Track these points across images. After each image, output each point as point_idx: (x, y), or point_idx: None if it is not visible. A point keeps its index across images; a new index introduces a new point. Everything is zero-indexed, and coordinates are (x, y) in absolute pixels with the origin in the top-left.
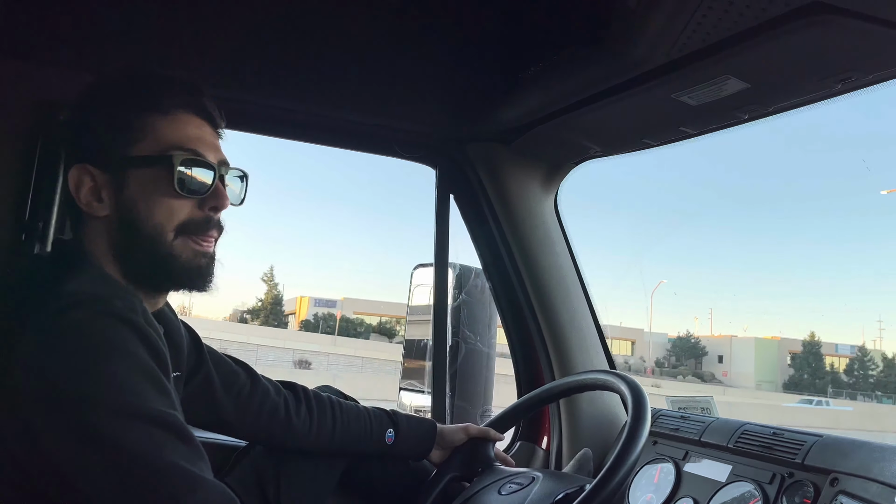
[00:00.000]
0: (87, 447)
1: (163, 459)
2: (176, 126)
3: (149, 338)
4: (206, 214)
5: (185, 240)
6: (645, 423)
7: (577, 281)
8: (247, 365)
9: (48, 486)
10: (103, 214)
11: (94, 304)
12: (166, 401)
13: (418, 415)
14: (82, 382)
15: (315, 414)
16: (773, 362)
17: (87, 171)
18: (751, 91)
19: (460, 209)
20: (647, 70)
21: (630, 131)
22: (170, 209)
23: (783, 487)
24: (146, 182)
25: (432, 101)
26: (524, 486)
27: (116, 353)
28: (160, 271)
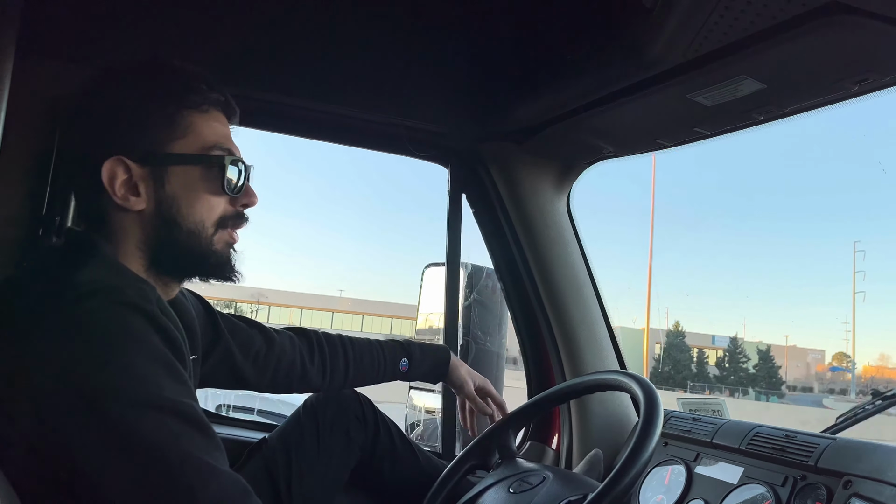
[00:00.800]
0: (103, 437)
1: (179, 450)
2: (212, 124)
3: (163, 327)
4: (237, 210)
5: (223, 233)
6: (657, 425)
7: (589, 281)
8: (260, 325)
9: (64, 476)
10: (139, 208)
11: (108, 294)
12: (183, 390)
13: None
14: (98, 373)
15: (328, 358)
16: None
17: (123, 163)
18: (767, 92)
19: (472, 208)
20: (663, 70)
21: (644, 132)
22: (209, 205)
23: (795, 490)
24: (189, 179)
25: (446, 99)
26: (533, 487)
27: (132, 342)
28: (198, 264)
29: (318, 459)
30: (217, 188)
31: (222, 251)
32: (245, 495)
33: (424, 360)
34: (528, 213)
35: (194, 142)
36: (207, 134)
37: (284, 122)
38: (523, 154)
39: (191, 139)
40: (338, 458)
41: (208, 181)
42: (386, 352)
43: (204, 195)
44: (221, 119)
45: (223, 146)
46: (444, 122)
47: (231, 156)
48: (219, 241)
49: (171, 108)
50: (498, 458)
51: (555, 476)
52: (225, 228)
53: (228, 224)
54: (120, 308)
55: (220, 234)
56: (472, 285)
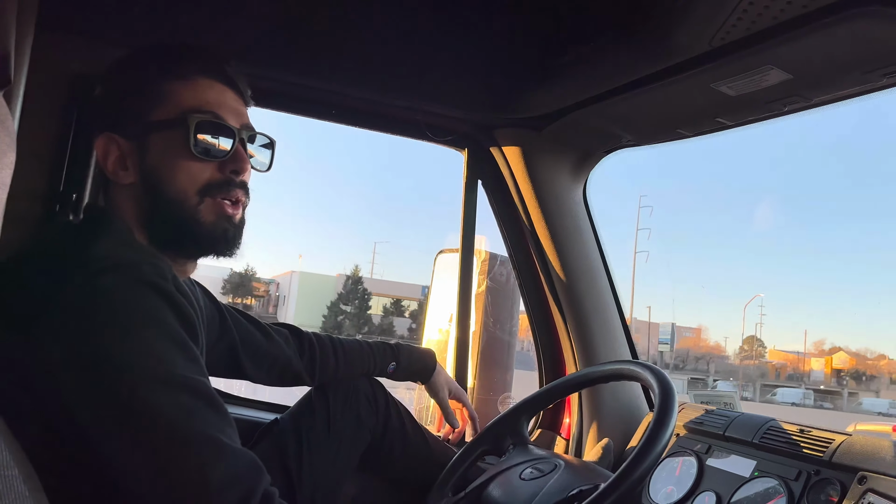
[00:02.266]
0: (117, 413)
1: (192, 426)
2: (195, 91)
3: (178, 304)
4: (226, 177)
5: (211, 202)
6: (671, 416)
7: (604, 271)
8: (257, 321)
9: (78, 450)
10: (129, 182)
11: (124, 270)
12: (195, 368)
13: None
14: (112, 349)
15: (318, 358)
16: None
17: (113, 139)
18: (793, 83)
19: (488, 195)
20: (688, 58)
21: (665, 121)
22: (189, 172)
23: (809, 484)
24: (166, 146)
25: (464, 85)
26: (545, 474)
27: (146, 319)
28: (185, 235)
29: (329, 442)
30: (189, 152)
31: (212, 222)
32: (257, 472)
33: (412, 364)
34: (544, 200)
35: (173, 108)
36: (187, 98)
37: (302, 103)
38: (541, 141)
39: (169, 106)
40: (348, 440)
41: (187, 146)
42: (376, 354)
43: (181, 161)
44: (212, 86)
45: (203, 110)
46: (461, 107)
47: (211, 118)
48: (206, 212)
49: (150, 79)
50: (511, 443)
51: (567, 464)
52: (213, 197)
53: (215, 192)
54: (137, 285)
55: (206, 204)
56: (486, 273)
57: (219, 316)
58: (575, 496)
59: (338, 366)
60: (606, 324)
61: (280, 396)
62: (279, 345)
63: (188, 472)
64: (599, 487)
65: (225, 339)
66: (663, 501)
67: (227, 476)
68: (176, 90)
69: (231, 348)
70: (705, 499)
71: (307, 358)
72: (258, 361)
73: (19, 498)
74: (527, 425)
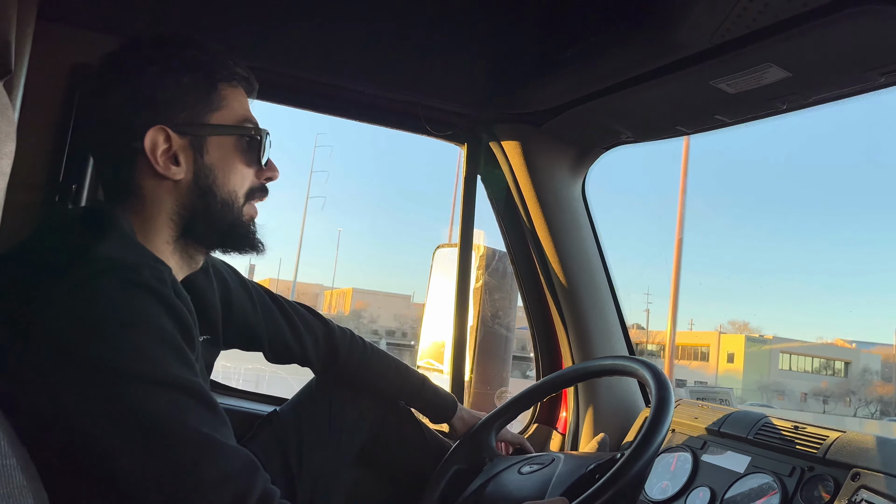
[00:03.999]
0: (111, 412)
1: (185, 425)
2: (240, 99)
3: (174, 308)
4: (262, 182)
5: (249, 206)
6: (669, 410)
7: (601, 267)
8: (291, 315)
9: (73, 445)
10: (178, 178)
11: (122, 272)
12: (189, 370)
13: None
14: (106, 351)
15: (341, 364)
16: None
17: (165, 132)
18: (792, 80)
19: (487, 190)
20: (687, 55)
21: (664, 117)
22: (242, 176)
23: (803, 480)
24: (226, 150)
25: (464, 79)
26: (546, 465)
27: (141, 323)
28: (227, 234)
29: (328, 433)
30: (251, 159)
31: (249, 223)
32: (253, 470)
33: (427, 407)
34: (543, 196)
35: (230, 114)
36: (238, 107)
37: (302, 96)
38: (540, 136)
39: (226, 111)
40: (348, 433)
41: (242, 152)
42: (400, 376)
43: (238, 166)
44: (245, 94)
45: (251, 119)
46: (461, 101)
47: (258, 128)
48: (246, 213)
49: (207, 81)
50: (485, 457)
51: (565, 455)
52: (252, 201)
53: (255, 196)
54: (133, 288)
55: (248, 206)
56: (484, 267)
57: (249, 301)
58: (595, 469)
59: (355, 376)
60: (604, 319)
61: (278, 390)
62: (304, 343)
63: (182, 471)
64: (617, 458)
65: (250, 323)
66: (658, 496)
67: (222, 474)
68: (229, 96)
69: (254, 334)
70: (700, 494)
71: (331, 359)
72: (277, 352)
73: (17, 488)
74: (494, 437)
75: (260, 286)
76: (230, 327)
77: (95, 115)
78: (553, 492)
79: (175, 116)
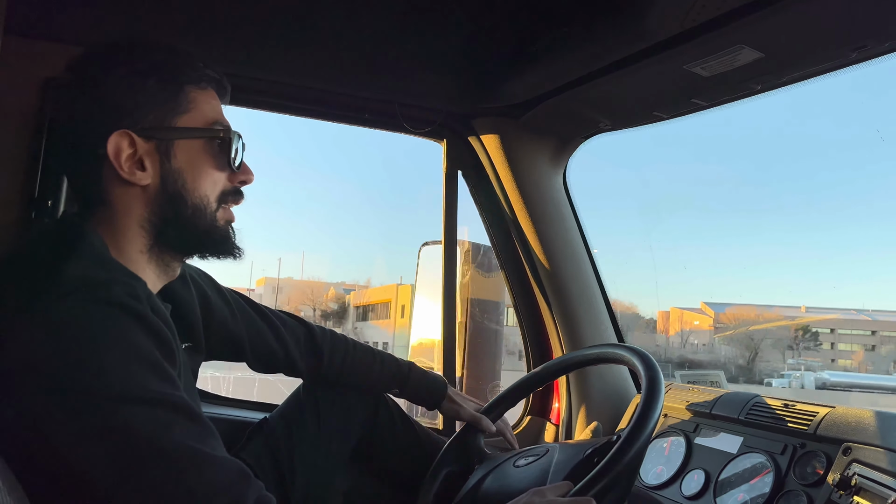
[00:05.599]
0: (94, 435)
1: (170, 440)
2: (210, 101)
3: (150, 323)
4: (235, 186)
5: (224, 210)
6: (660, 392)
7: (587, 256)
8: (270, 317)
9: (57, 472)
10: (145, 183)
11: (93, 292)
12: (170, 385)
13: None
14: (80, 373)
15: (325, 362)
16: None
17: (129, 137)
18: (764, 61)
19: (469, 185)
20: (659, 41)
21: (641, 104)
22: (213, 180)
23: (795, 458)
24: (195, 154)
25: (440, 75)
26: (541, 456)
27: (115, 342)
28: (201, 241)
29: (319, 437)
30: (221, 163)
31: (224, 228)
32: (243, 479)
33: (419, 391)
34: (525, 188)
35: (198, 117)
36: (207, 110)
37: (276, 100)
38: (519, 129)
39: (194, 114)
40: (338, 436)
41: (212, 156)
42: (384, 374)
43: (208, 170)
44: (215, 97)
45: (222, 122)
46: (438, 98)
47: (232, 131)
48: (220, 218)
49: (173, 84)
50: (475, 458)
51: (560, 444)
52: (226, 205)
53: (229, 200)
54: (104, 307)
55: (221, 211)
56: (470, 263)
57: (224, 302)
58: (592, 454)
59: (341, 374)
60: (591, 308)
61: (267, 396)
62: (287, 346)
63: (171, 486)
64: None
65: (231, 330)
66: (653, 481)
67: (213, 487)
68: (197, 99)
69: (236, 342)
70: (694, 477)
71: (314, 360)
72: (261, 358)
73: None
74: (482, 438)
75: (236, 293)
76: (212, 337)
77: (63, 124)
78: (554, 479)
79: (140, 120)
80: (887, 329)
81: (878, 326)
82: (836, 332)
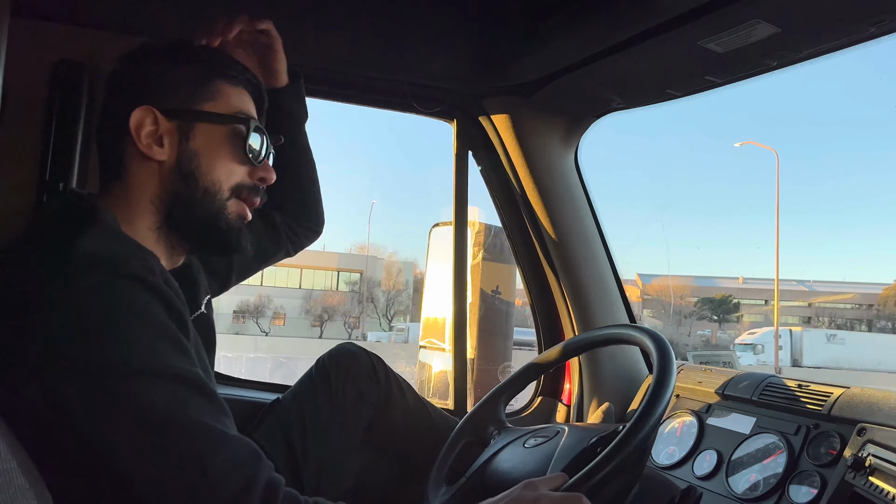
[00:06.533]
0: (112, 410)
1: (187, 417)
2: (242, 98)
3: (166, 298)
4: (255, 182)
5: (237, 203)
6: (671, 372)
7: (598, 236)
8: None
9: (74, 446)
10: (161, 159)
11: (110, 266)
12: (187, 360)
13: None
14: (101, 348)
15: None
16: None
17: (152, 113)
18: (781, 36)
19: (479, 164)
20: (673, 16)
21: (654, 82)
22: (229, 170)
23: (809, 438)
24: (214, 139)
25: (450, 54)
26: (550, 438)
27: (134, 315)
28: (208, 226)
29: (332, 419)
30: (239, 153)
31: (233, 221)
32: (256, 459)
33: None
34: (536, 168)
35: (223, 105)
36: (235, 101)
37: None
38: (530, 108)
39: (220, 102)
40: (351, 417)
41: (231, 145)
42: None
43: (225, 158)
44: (249, 99)
45: (246, 113)
46: (448, 77)
47: (259, 125)
48: (231, 210)
49: (204, 73)
50: (493, 429)
51: (570, 426)
52: (240, 198)
53: (243, 194)
54: (122, 281)
55: (233, 203)
56: (481, 244)
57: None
58: (597, 442)
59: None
60: (603, 288)
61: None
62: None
63: (186, 462)
64: (620, 430)
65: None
66: (665, 461)
67: (227, 463)
68: (226, 90)
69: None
70: (706, 457)
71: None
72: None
73: (19, 490)
74: (504, 408)
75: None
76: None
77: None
78: (555, 466)
79: (166, 100)
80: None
81: (815, 297)
82: (769, 303)
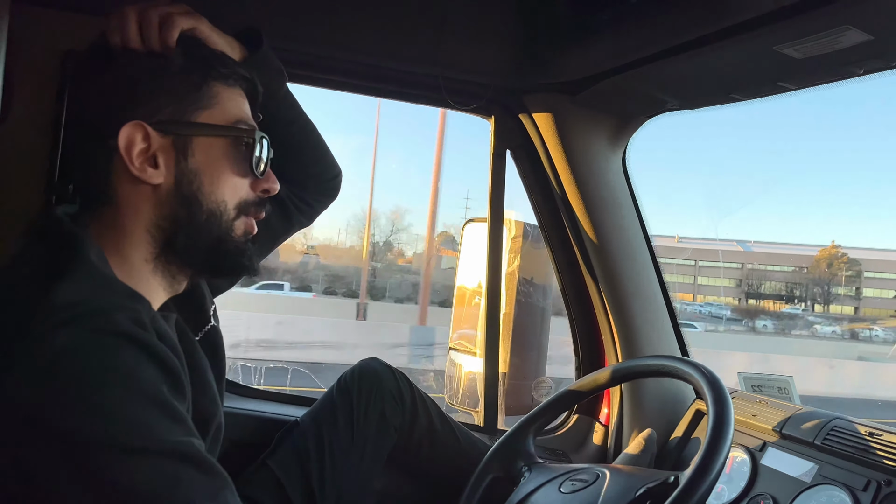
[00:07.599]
0: (94, 491)
1: (179, 496)
2: (237, 99)
3: (159, 355)
4: (258, 196)
5: (243, 220)
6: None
7: (646, 248)
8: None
9: None
10: (157, 182)
11: (92, 321)
12: (180, 428)
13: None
14: (79, 418)
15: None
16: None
17: (143, 129)
18: (873, 44)
19: (517, 164)
20: (749, 18)
21: (717, 85)
22: (233, 185)
23: (880, 496)
24: (215, 154)
25: (489, 47)
26: (590, 484)
27: (118, 380)
28: (213, 251)
29: (352, 444)
30: (244, 167)
31: (241, 240)
32: None
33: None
34: (579, 171)
35: (221, 114)
36: (232, 107)
37: (315, 73)
38: (575, 106)
39: (217, 111)
40: (373, 442)
41: (234, 158)
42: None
43: (229, 173)
44: (244, 97)
45: (247, 122)
46: (486, 71)
47: (262, 135)
48: (238, 229)
49: (197, 76)
50: (523, 465)
51: (611, 470)
52: (247, 216)
53: (250, 211)
54: (104, 338)
55: (240, 221)
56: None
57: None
58: (645, 495)
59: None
60: (650, 308)
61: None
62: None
63: None
64: (677, 479)
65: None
66: (714, 501)
67: None
68: (222, 95)
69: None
70: (760, 502)
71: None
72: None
73: None
74: (532, 441)
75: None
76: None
77: (75, 110)
78: None
79: (157, 112)
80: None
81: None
82: (698, 264)
